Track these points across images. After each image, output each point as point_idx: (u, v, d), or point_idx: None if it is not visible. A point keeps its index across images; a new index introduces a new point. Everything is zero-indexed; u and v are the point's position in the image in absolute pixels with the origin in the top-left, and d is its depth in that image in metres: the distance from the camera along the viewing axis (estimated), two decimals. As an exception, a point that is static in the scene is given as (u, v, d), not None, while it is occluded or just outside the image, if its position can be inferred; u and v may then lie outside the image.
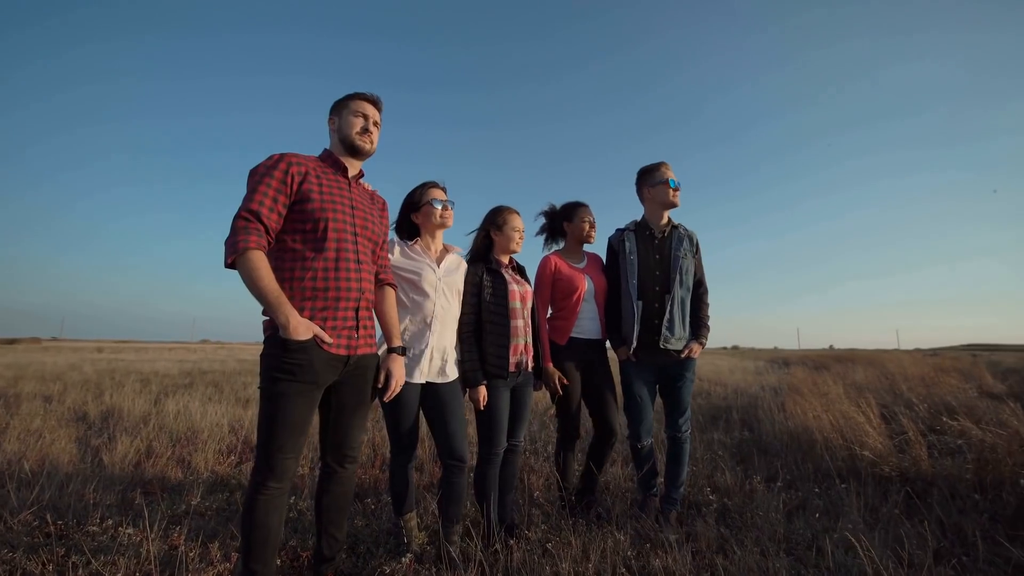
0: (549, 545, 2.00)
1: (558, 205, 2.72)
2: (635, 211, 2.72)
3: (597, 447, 2.55)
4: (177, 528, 2.15)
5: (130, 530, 2.13)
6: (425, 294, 2.06)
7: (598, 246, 2.78)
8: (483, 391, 2.10)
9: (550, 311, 2.63)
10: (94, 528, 2.17)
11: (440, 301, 2.08)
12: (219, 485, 2.88)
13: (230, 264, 1.52)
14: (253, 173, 1.62)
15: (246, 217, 1.54)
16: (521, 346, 2.23)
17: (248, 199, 1.57)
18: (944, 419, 3.79)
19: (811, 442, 3.63)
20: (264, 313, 1.63)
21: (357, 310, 1.70)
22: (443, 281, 2.11)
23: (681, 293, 2.51)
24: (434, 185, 2.20)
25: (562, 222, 2.68)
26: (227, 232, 1.55)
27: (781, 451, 3.68)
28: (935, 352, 29.93)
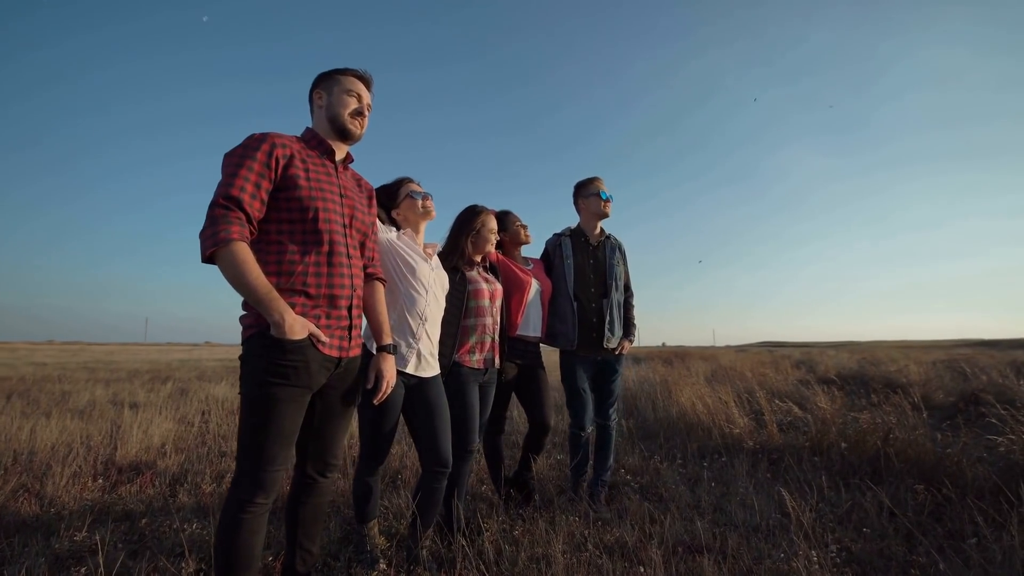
0: (516, 532, 2.12)
1: None
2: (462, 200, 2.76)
3: (534, 440, 2.70)
4: (83, 570, 1.76)
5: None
6: (420, 287, 2.01)
7: (534, 249, 2.97)
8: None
9: None
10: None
11: (432, 291, 2.05)
12: (101, 514, 2.39)
13: (208, 258, 1.35)
14: (230, 155, 1.44)
15: (225, 205, 1.38)
16: (488, 344, 2.29)
17: (226, 184, 1.39)
18: (777, 402, 4.80)
19: (690, 425, 4.30)
20: (245, 310, 1.48)
21: (350, 308, 1.62)
22: (435, 272, 2.10)
23: (617, 297, 2.84)
24: (408, 180, 2.19)
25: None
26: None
27: (668, 433, 4.29)
28: (743, 349, 36.73)
